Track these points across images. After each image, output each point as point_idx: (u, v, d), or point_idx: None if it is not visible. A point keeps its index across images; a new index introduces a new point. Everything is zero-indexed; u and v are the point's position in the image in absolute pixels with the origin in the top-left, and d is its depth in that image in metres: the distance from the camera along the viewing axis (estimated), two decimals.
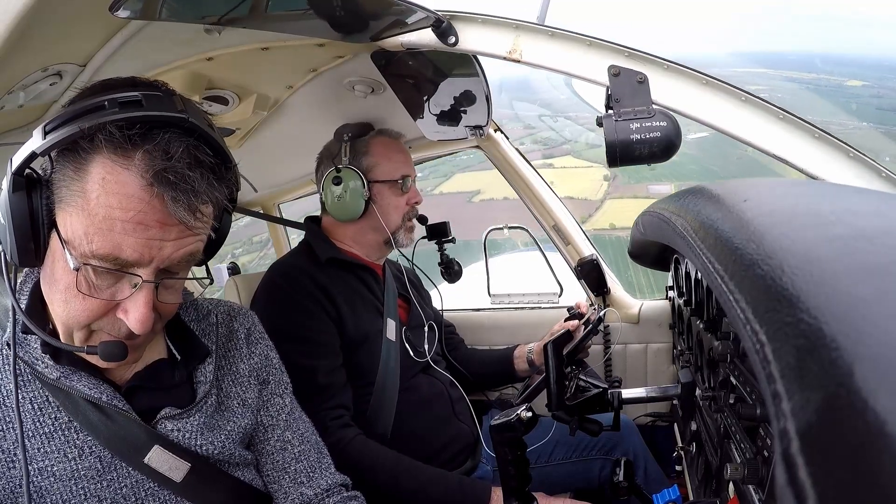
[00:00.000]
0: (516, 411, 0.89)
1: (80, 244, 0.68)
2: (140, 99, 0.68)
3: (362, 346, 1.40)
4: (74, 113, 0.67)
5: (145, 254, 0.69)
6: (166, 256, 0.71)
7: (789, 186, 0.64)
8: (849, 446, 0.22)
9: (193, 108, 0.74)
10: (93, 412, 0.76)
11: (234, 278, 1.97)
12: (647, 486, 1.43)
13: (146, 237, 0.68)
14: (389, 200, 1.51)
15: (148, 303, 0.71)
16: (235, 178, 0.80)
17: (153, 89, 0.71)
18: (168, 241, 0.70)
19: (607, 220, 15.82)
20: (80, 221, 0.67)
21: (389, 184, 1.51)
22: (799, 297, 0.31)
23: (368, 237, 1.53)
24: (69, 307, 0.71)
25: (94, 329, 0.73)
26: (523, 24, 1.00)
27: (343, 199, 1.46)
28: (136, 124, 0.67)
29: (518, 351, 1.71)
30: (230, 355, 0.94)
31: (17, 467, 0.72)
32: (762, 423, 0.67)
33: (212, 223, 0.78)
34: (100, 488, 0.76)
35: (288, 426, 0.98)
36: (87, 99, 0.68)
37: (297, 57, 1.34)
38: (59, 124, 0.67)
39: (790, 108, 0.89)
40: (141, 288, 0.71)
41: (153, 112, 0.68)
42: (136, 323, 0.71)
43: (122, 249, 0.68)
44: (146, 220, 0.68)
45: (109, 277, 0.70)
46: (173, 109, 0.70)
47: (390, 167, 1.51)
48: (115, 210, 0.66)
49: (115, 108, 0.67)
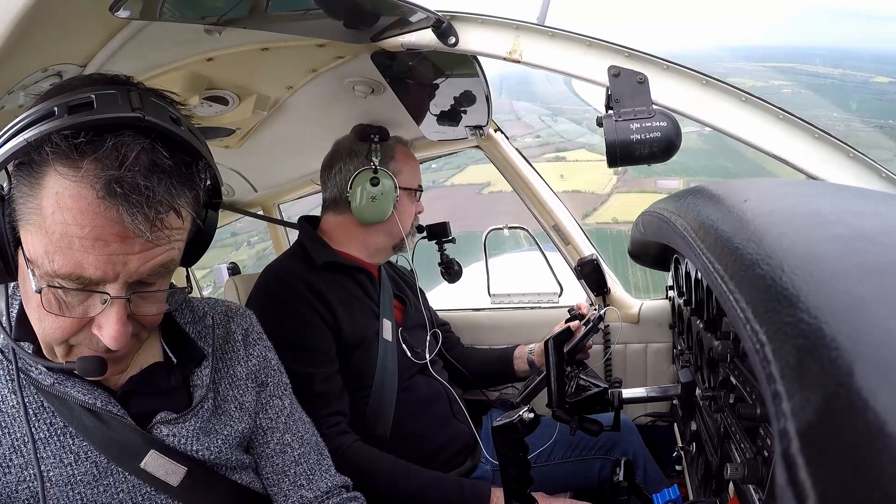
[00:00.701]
0: (518, 412, 0.89)
1: (42, 263, 0.64)
2: (91, 100, 0.63)
3: (359, 348, 1.40)
4: (25, 123, 0.63)
5: (109, 270, 0.65)
6: (133, 271, 0.66)
7: (789, 186, 0.64)
8: (849, 446, 0.22)
9: (153, 105, 0.67)
10: (88, 418, 0.75)
11: (233, 279, 1.97)
12: (646, 486, 1.43)
13: (107, 253, 0.64)
14: (407, 208, 1.52)
15: (120, 319, 0.67)
16: (212, 173, 0.74)
17: (110, 86, 0.66)
18: (132, 255, 0.65)
19: (611, 214, 15.80)
20: (39, 240, 0.64)
21: (409, 192, 1.53)
22: (799, 297, 0.32)
23: (379, 241, 1.53)
24: (43, 325, 0.69)
25: (73, 343, 0.71)
26: (523, 24, 1.01)
27: (377, 201, 1.44)
28: (82, 131, 0.61)
29: (518, 351, 1.70)
30: (227, 358, 0.93)
31: (12, 473, 0.72)
32: (762, 423, 0.67)
33: (185, 228, 0.72)
34: (96, 493, 0.75)
35: (287, 428, 0.97)
36: (42, 103, 0.64)
37: (297, 57, 1.34)
38: (8, 137, 0.63)
39: (812, 105, 0.88)
40: (111, 304, 0.67)
41: (101, 115, 0.62)
42: (109, 339, 0.68)
43: (84, 267, 0.64)
44: (104, 236, 0.63)
45: (78, 295, 0.67)
46: (126, 109, 0.64)
47: (411, 175, 1.54)
48: (70, 227, 0.62)
49: (64, 114, 0.61)
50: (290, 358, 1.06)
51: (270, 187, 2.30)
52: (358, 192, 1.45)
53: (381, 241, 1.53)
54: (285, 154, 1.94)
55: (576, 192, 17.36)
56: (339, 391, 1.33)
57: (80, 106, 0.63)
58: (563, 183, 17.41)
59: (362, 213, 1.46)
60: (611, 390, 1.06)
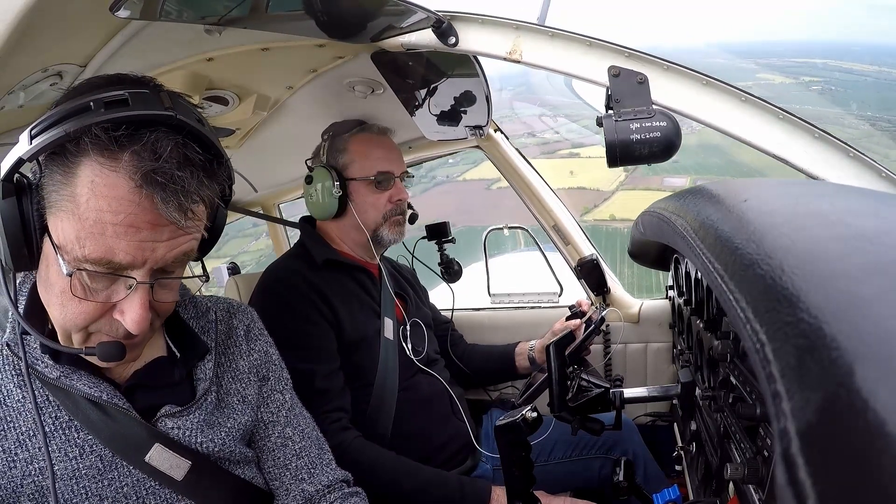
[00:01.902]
0: (521, 411, 0.89)
1: (72, 249, 0.67)
2: (126, 98, 0.67)
3: (360, 347, 1.40)
4: (60, 116, 0.66)
5: (138, 256, 0.68)
6: (160, 257, 0.70)
7: (789, 186, 0.64)
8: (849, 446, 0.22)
9: (181, 105, 0.72)
10: (93, 411, 0.76)
11: (234, 278, 1.97)
12: (647, 485, 1.43)
13: (138, 239, 0.68)
14: (366, 198, 1.48)
15: (144, 304, 0.71)
16: (228, 173, 0.79)
17: (140, 86, 0.70)
18: (160, 242, 0.70)
19: (610, 211, 15.76)
20: (71, 226, 0.67)
21: (365, 181, 1.48)
22: (799, 297, 0.32)
23: (352, 236, 1.52)
24: (66, 310, 0.71)
25: (92, 331, 0.73)
26: (523, 24, 1.00)
27: (315, 198, 1.48)
28: (122, 125, 0.66)
29: (519, 348, 1.70)
30: (230, 352, 0.94)
31: (17, 467, 0.72)
32: (762, 422, 0.68)
33: (205, 221, 0.77)
34: (101, 487, 0.76)
35: (288, 422, 0.98)
36: (73, 100, 0.67)
37: (297, 57, 1.35)
38: (44, 128, 0.66)
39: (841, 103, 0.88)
40: (136, 289, 0.70)
41: (139, 111, 0.67)
42: (132, 324, 0.71)
43: (115, 253, 0.67)
44: (137, 223, 0.67)
45: (104, 280, 0.70)
46: (160, 107, 0.69)
47: (366, 164, 1.48)
48: (105, 213, 0.66)
49: (101, 109, 0.65)
50: (291, 355, 1.06)
51: (270, 187, 2.30)
52: (304, 192, 1.50)
53: (352, 235, 1.52)
54: (285, 154, 1.94)
55: (581, 188, 17.32)
56: (341, 388, 1.34)
57: (115, 102, 0.67)
58: (571, 179, 17.36)
59: (313, 211, 1.52)
60: (612, 390, 1.06)
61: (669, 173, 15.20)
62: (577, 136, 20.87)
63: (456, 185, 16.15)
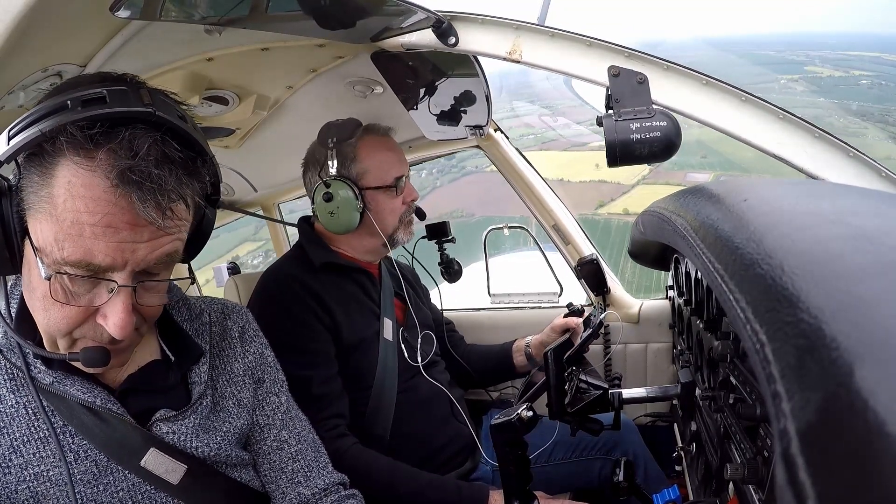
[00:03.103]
0: (517, 410, 0.89)
1: (51, 251, 0.65)
2: (104, 95, 0.66)
3: (358, 349, 1.39)
4: (37, 115, 0.65)
5: (118, 257, 0.67)
6: (141, 259, 0.68)
7: (789, 186, 0.64)
8: (849, 446, 0.22)
9: (162, 102, 0.71)
10: (87, 416, 0.75)
11: (234, 278, 1.97)
12: (647, 486, 1.43)
13: (117, 240, 0.66)
14: (385, 205, 1.44)
15: (126, 307, 0.69)
16: (213, 171, 0.77)
17: (119, 83, 0.69)
18: (141, 242, 0.68)
19: (624, 205, 15.64)
20: (49, 228, 0.65)
21: (383, 189, 1.43)
22: (799, 297, 0.31)
23: (365, 242, 1.49)
24: (48, 315, 0.70)
25: (77, 336, 0.72)
26: (523, 24, 1.01)
27: (336, 214, 1.38)
28: (97, 123, 0.64)
29: (516, 345, 1.70)
30: (224, 355, 0.93)
31: (12, 473, 0.72)
32: (762, 423, 0.67)
33: (190, 220, 0.75)
34: (96, 492, 0.75)
35: (284, 425, 0.98)
36: (52, 98, 0.66)
37: (297, 57, 1.35)
38: (21, 128, 0.65)
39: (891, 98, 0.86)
40: (118, 293, 0.68)
41: (116, 108, 0.65)
42: (115, 328, 0.69)
43: (94, 254, 0.65)
44: (115, 223, 0.65)
45: (85, 283, 0.68)
46: (139, 104, 0.67)
47: (382, 171, 1.43)
48: (82, 214, 0.64)
49: (78, 107, 0.64)
50: (288, 360, 1.06)
51: (270, 187, 2.30)
52: (318, 207, 1.40)
53: (366, 242, 1.48)
54: (285, 154, 1.94)
55: (602, 181, 17.17)
56: (338, 393, 1.33)
57: (93, 100, 0.65)
58: (596, 172, 17.15)
59: (329, 227, 1.41)
60: (611, 391, 1.06)
61: (694, 168, 15.02)
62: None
63: (483, 175, 16.07)
